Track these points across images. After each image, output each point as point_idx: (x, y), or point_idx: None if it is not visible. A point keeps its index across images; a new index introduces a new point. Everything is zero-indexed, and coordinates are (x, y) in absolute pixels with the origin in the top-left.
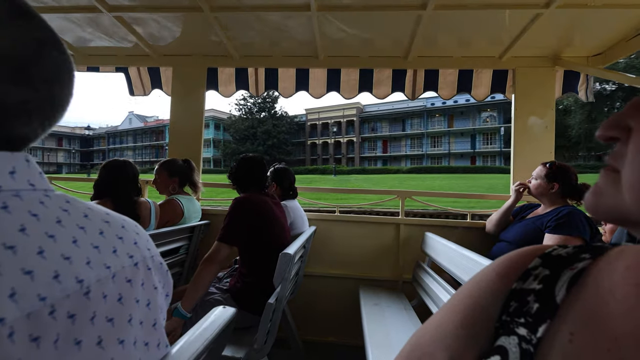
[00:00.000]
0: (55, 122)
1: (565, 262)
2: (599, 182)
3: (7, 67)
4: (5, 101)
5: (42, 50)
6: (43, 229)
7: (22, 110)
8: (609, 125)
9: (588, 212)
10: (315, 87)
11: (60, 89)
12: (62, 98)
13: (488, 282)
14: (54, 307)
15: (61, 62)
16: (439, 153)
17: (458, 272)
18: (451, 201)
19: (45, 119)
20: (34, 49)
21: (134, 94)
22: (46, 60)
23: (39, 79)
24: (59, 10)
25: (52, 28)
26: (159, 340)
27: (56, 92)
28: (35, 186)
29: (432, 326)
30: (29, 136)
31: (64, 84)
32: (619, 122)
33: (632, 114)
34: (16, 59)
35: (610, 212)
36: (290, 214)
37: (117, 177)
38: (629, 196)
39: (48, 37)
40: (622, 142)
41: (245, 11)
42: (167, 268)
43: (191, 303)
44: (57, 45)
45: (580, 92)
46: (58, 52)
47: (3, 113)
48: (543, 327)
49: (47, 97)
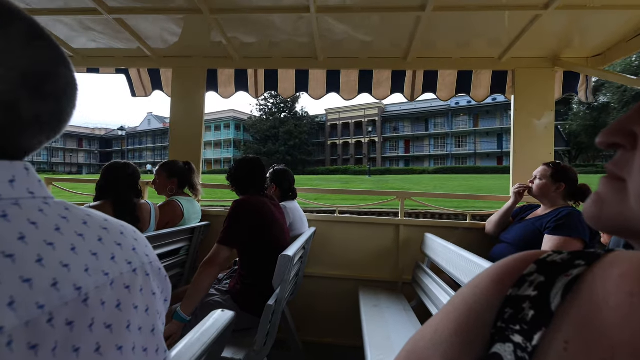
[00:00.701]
0: (59, 133)
1: (560, 268)
2: (601, 190)
3: (27, 84)
4: (22, 115)
5: (55, 68)
6: (42, 237)
7: (35, 124)
8: (611, 132)
9: (588, 222)
10: (315, 88)
11: (67, 103)
12: (68, 112)
13: (483, 288)
14: (52, 315)
15: (70, 78)
16: (464, 153)
17: (457, 273)
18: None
19: (51, 131)
20: (49, 67)
21: (135, 95)
22: (59, 77)
23: (52, 94)
24: (60, 13)
25: (61, 48)
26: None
27: (64, 106)
28: (34, 194)
29: (428, 332)
30: (34, 147)
31: (71, 99)
32: (622, 128)
33: (637, 120)
34: (35, 77)
35: (613, 223)
36: (289, 215)
37: (117, 178)
38: (638, 207)
39: (60, 56)
40: (626, 149)
41: (245, 13)
42: (166, 273)
43: (191, 306)
44: (67, 63)
45: (580, 92)
46: (67, 69)
47: (19, 126)
48: (538, 335)
49: (57, 111)
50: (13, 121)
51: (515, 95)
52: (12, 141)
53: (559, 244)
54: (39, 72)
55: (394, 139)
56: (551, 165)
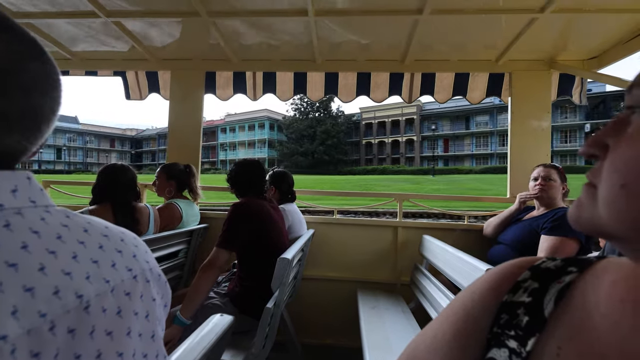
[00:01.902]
0: (41, 132)
1: (553, 275)
2: (581, 196)
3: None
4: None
5: (19, 63)
6: (44, 246)
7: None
8: (590, 143)
9: (571, 224)
10: (313, 90)
11: (41, 99)
12: (46, 109)
13: (480, 294)
14: (54, 323)
15: (43, 73)
16: None
17: (455, 275)
18: None
19: (27, 130)
20: (11, 62)
21: (130, 98)
22: (25, 72)
23: (16, 90)
24: (58, 16)
25: (35, 39)
26: (157, 352)
27: (37, 103)
28: (36, 203)
29: (427, 336)
30: (14, 149)
31: (45, 94)
32: (598, 141)
33: (610, 133)
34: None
35: (588, 225)
36: (288, 217)
37: (116, 181)
38: (603, 211)
39: (27, 50)
40: (601, 159)
41: (243, 16)
42: (166, 279)
43: (191, 310)
44: (39, 56)
45: (574, 95)
46: (39, 62)
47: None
48: (532, 341)
49: (28, 108)
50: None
51: (512, 98)
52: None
53: (555, 244)
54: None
55: (433, 137)
56: (557, 168)
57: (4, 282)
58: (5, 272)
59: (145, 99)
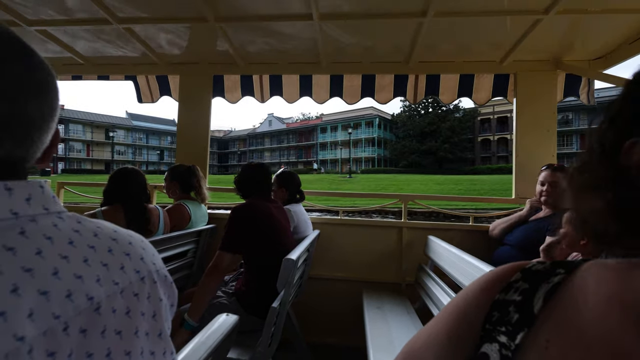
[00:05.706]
0: (32, 139)
1: (542, 276)
2: None
3: None
4: None
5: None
6: (57, 251)
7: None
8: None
9: None
10: (319, 92)
11: (24, 103)
12: (37, 114)
13: (474, 294)
14: (68, 324)
15: (27, 77)
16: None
17: (459, 276)
18: None
19: (12, 137)
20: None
21: (141, 101)
22: (4, 77)
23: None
24: (71, 23)
25: (16, 42)
26: (164, 349)
27: (25, 109)
28: (49, 210)
29: (423, 335)
30: (9, 157)
31: (33, 100)
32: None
33: None
34: None
35: None
36: (294, 218)
37: (127, 183)
38: None
39: (8, 54)
40: None
41: (249, 21)
42: (172, 280)
43: (198, 313)
44: (23, 60)
45: (582, 95)
46: (23, 67)
47: None
48: (521, 335)
49: (13, 113)
50: None
51: (517, 98)
52: None
53: None
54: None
55: (566, 133)
56: (563, 168)
57: (20, 287)
58: (21, 277)
59: (157, 101)
